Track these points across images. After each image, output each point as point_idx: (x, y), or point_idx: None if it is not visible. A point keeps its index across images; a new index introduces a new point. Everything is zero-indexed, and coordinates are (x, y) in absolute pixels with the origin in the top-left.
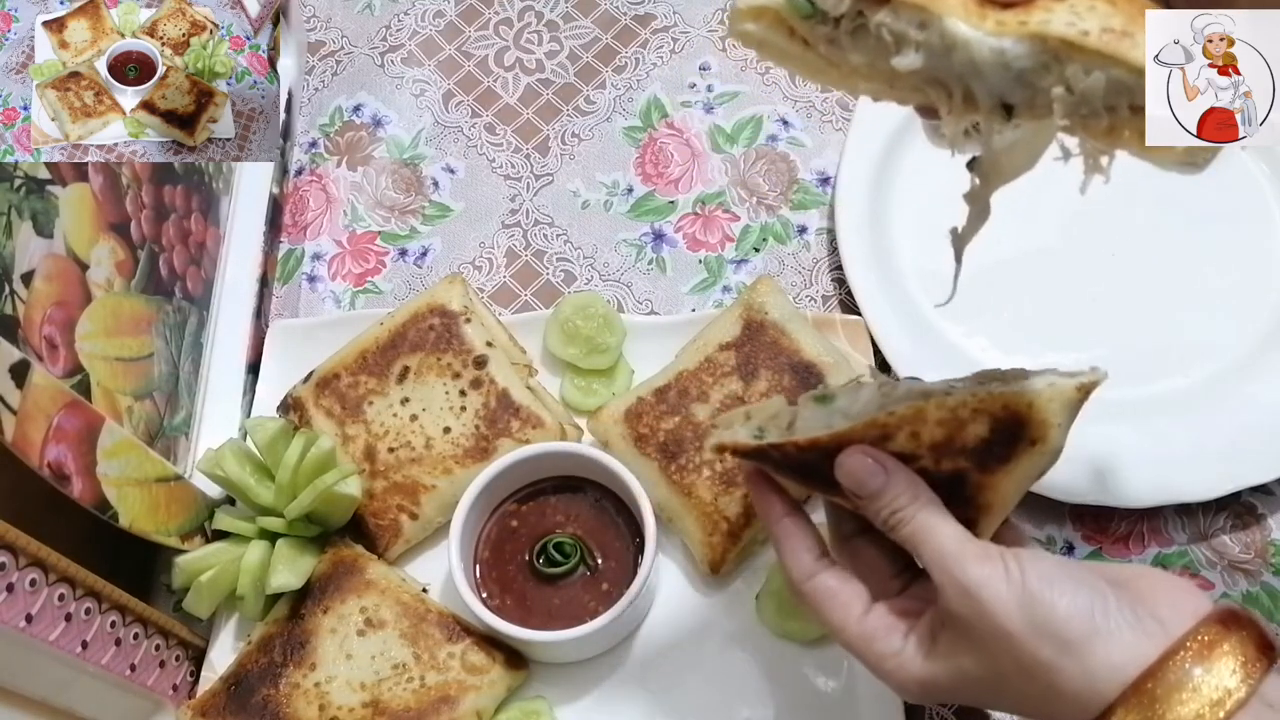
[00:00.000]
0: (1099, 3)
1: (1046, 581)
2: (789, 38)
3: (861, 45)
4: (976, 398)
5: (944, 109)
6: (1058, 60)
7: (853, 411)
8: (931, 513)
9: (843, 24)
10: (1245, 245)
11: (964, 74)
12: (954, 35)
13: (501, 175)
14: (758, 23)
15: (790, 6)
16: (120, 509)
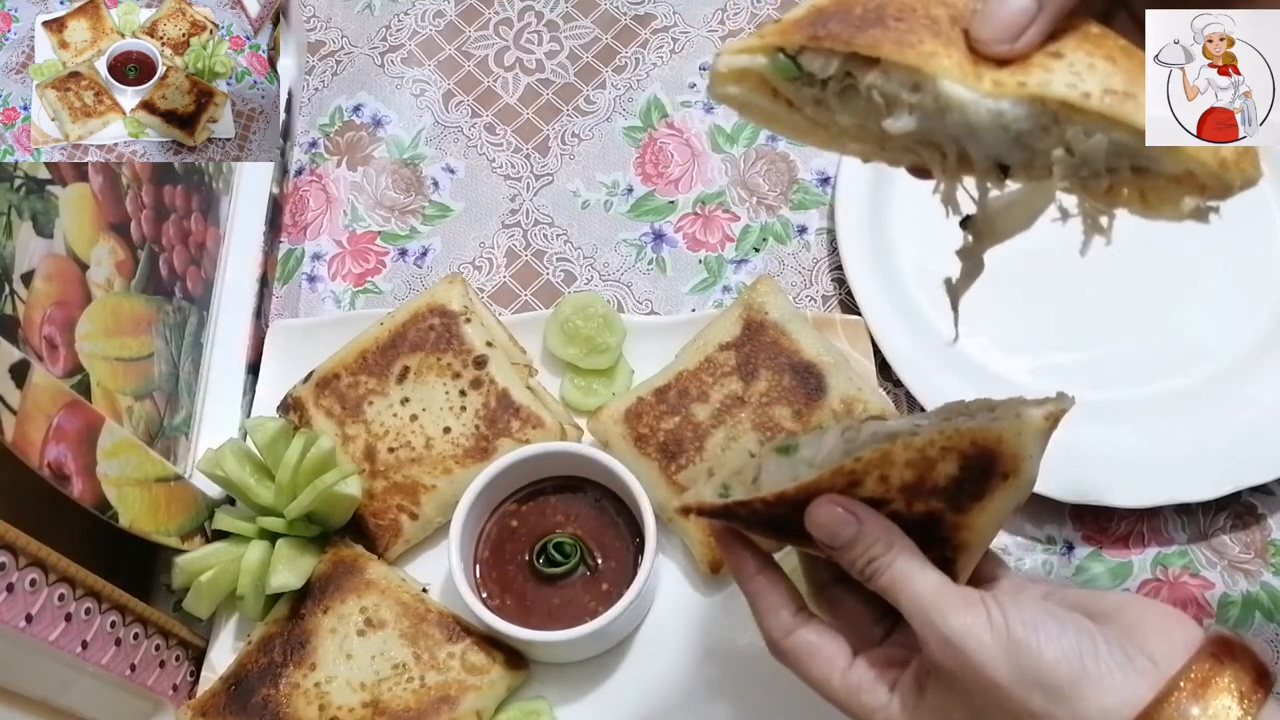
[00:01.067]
0: (1099, 60)
1: (1031, 627)
2: (773, 99)
3: (850, 107)
4: (944, 435)
5: (937, 170)
6: (1057, 122)
7: (817, 460)
8: (908, 560)
9: (830, 86)
10: (1245, 245)
11: (959, 135)
12: (949, 97)
13: (501, 175)
14: (740, 85)
15: (775, 69)
16: (120, 509)
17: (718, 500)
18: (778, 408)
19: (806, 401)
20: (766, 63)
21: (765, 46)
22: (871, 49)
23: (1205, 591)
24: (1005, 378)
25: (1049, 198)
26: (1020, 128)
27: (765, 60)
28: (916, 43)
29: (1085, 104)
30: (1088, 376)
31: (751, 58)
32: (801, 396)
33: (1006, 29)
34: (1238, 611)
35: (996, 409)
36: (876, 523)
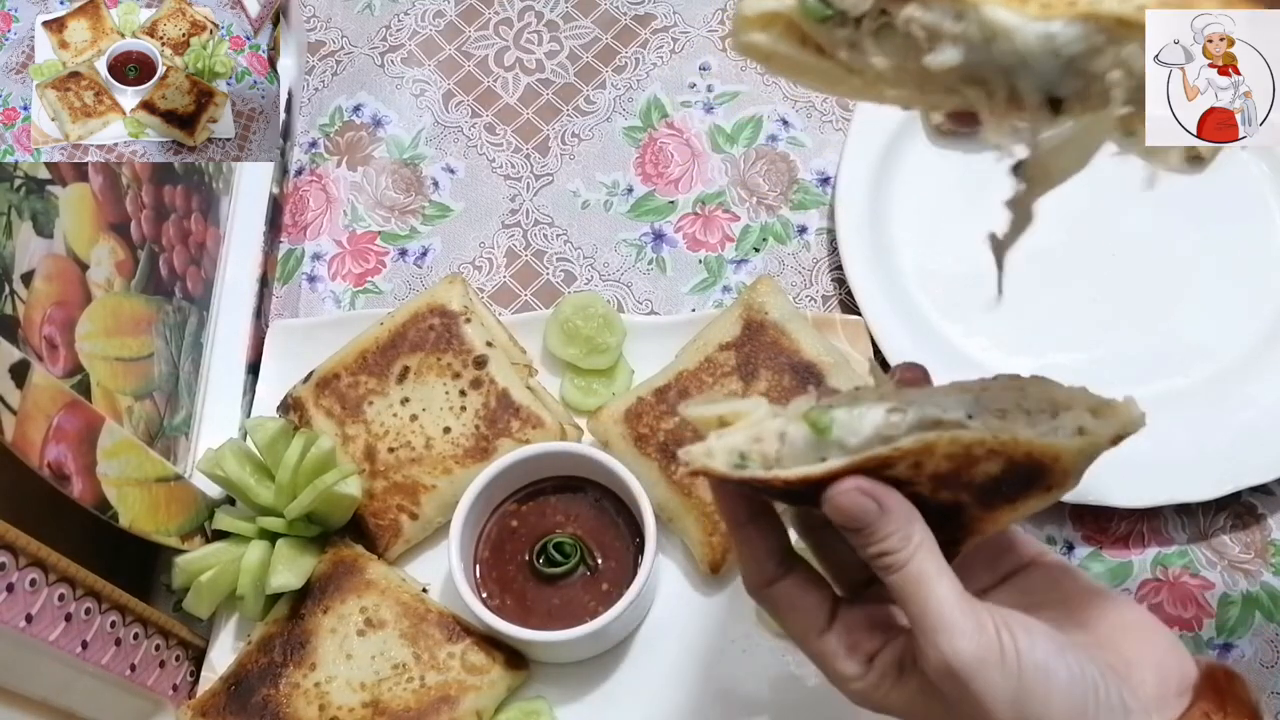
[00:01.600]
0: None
1: (1043, 672)
2: (802, 46)
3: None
4: (998, 440)
5: (985, 109)
6: (1114, 41)
7: (852, 444)
8: (925, 561)
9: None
10: (1245, 245)
11: (1009, 66)
12: (996, 23)
13: (501, 175)
14: (766, 31)
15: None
16: (120, 509)
17: (732, 472)
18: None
19: None
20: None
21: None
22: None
23: (1205, 591)
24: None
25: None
26: (1074, 51)
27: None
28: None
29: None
30: (1088, 376)
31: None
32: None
33: None
34: (1238, 611)
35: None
36: (899, 512)
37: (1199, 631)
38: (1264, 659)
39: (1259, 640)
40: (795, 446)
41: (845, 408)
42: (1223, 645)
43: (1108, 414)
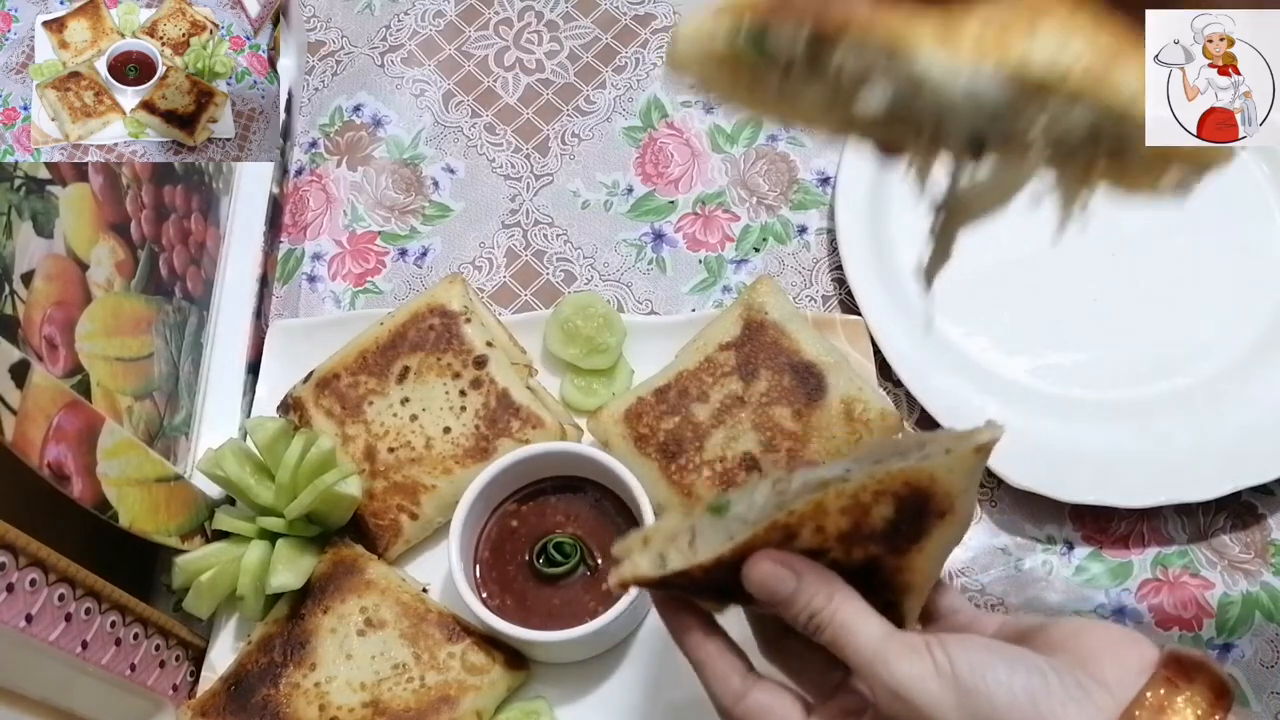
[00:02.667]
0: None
1: (979, 672)
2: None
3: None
4: (875, 479)
5: (909, 147)
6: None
7: (751, 516)
8: (850, 610)
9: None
10: (1245, 245)
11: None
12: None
13: (501, 175)
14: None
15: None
16: (120, 509)
17: (655, 573)
18: (778, 408)
19: (806, 401)
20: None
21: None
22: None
23: (1205, 591)
24: (1005, 378)
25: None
26: (997, 102)
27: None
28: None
29: (1066, 78)
30: (1088, 376)
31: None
32: (801, 396)
33: None
34: (1238, 611)
35: (927, 445)
36: (815, 574)
37: (1199, 631)
38: (1264, 659)
39: (1259, 640)
40: (706, 536)
41: (742, 491)
42: (1223, 645)
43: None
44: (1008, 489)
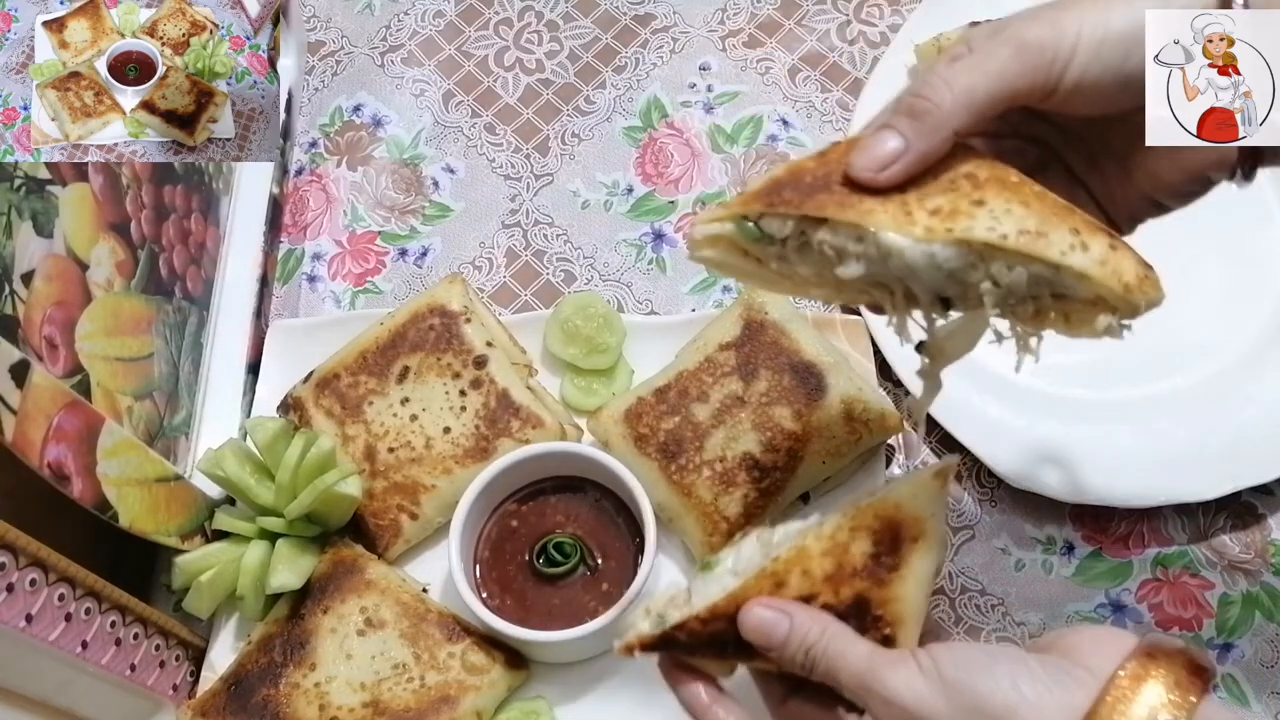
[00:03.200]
0: (1015, 205)
1: (963, 667)
2: (743, 258)
3: (808, 259)
4: (849, 517)
5: (888, 306)
6: (983, 259)
7: (740, 568)
8: (840, 640)
9: (789, 243)
10: (1245, 245)
11: (902, 276)
12: (888, 246)
13: (501, 175)
14: (714, 249)
15: (741, 233)
16: (120, 509)
17: (655, 631)
18: (778, 408)
19: (806, 401)
20: (734, 229)
21: (732, 215)
22: (818, 211)
23: (1205, 591)
24: (1006, 378)
25: (985, 323)
26: (952, 266)
27: (733, 226)
28: (857, 202)
29: (1004, 244)
30: (1088, 376)
31: (721, 225)
32: (801, 396)
33: (876, 161)
34: (1238, 611)
35: (892, 483)
36: (805, 614)
37: (1199, 631)
38: (1264, 659)
39: (1259, 640)
40: (700, 594)
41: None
42: (1223, 645)
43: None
44: (1008, 489)
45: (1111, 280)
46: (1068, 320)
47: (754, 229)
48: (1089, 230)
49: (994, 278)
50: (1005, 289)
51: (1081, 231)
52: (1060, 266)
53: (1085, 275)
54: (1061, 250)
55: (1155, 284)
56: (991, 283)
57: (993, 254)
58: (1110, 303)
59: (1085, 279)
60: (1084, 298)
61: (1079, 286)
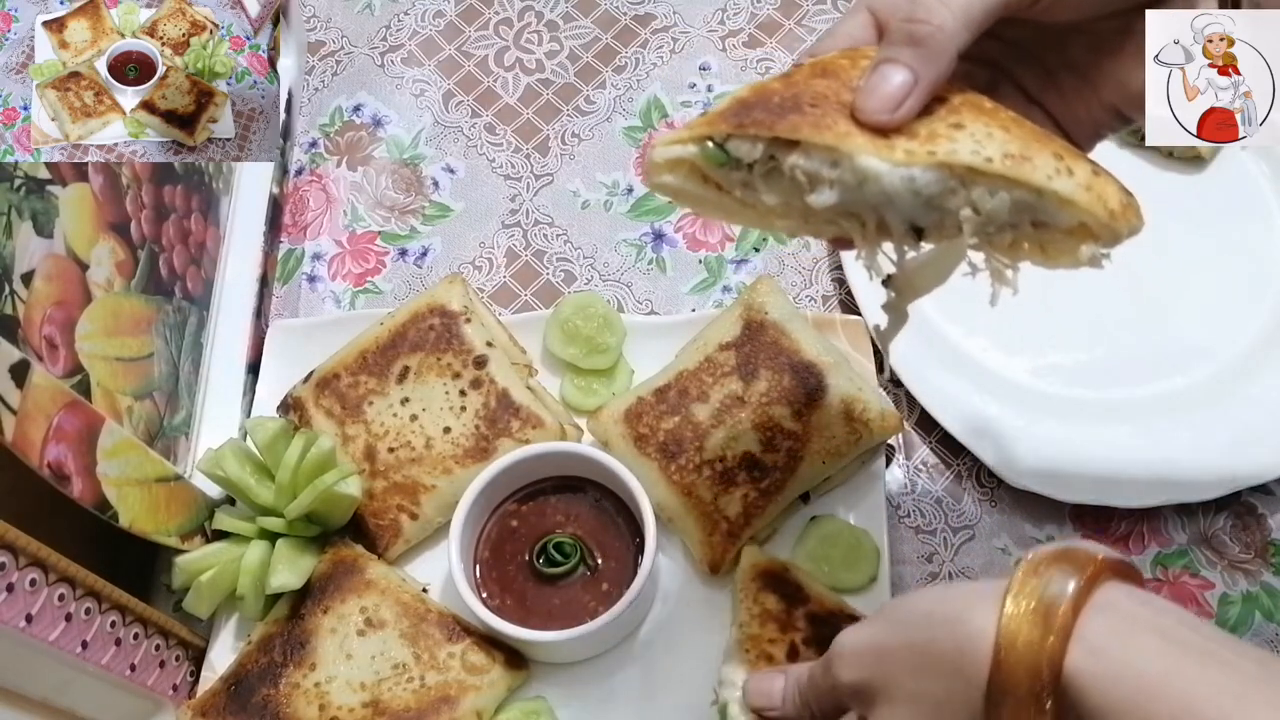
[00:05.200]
0: (995, 129)
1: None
2: (704, 184)
3: (775, 187)
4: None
5: (858, 238)
6: (964, 185)
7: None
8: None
9: (756, 169)
10: (1245, 245)
11: (877, 204)
12: (866, 170)
13: (501, 175)
14: (674, 174)
15: (705, 156)
16: (120, 509)
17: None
18: (778, 408)
19: (806, 401)
20: (697, 151)
21: (695, 136)
22: (792, 132)
23: (1205, 591)
24: (1005, 377)
25: (960, 254)
26: (931, 192)
27: (696, 149)
28: (832, 124)
29: (988, 167)
30: (1088, 376)
31: (684, 147)
32: (801, 396)
33: (888, 100)
34: (1238, 611)
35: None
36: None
37: None
38: None
39: (1259, 640)
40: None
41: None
42: None
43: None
44: (1008, 489)
45: (1096, 206)
46: (1044, 250)
47: (719, 152)
48: (1071, 156)
49: (974, 204)
50: (985, 216)
51: (1065, 157)
52: (1044, 191)
53: (1070, 200)
54: (1047, 175)
55: (1137, 211)
56: (972, 209)
57: (975, 179)
58: (1093, 230)
59: (1070, 204)
60: (1064, 225)
61: (1061, 213)
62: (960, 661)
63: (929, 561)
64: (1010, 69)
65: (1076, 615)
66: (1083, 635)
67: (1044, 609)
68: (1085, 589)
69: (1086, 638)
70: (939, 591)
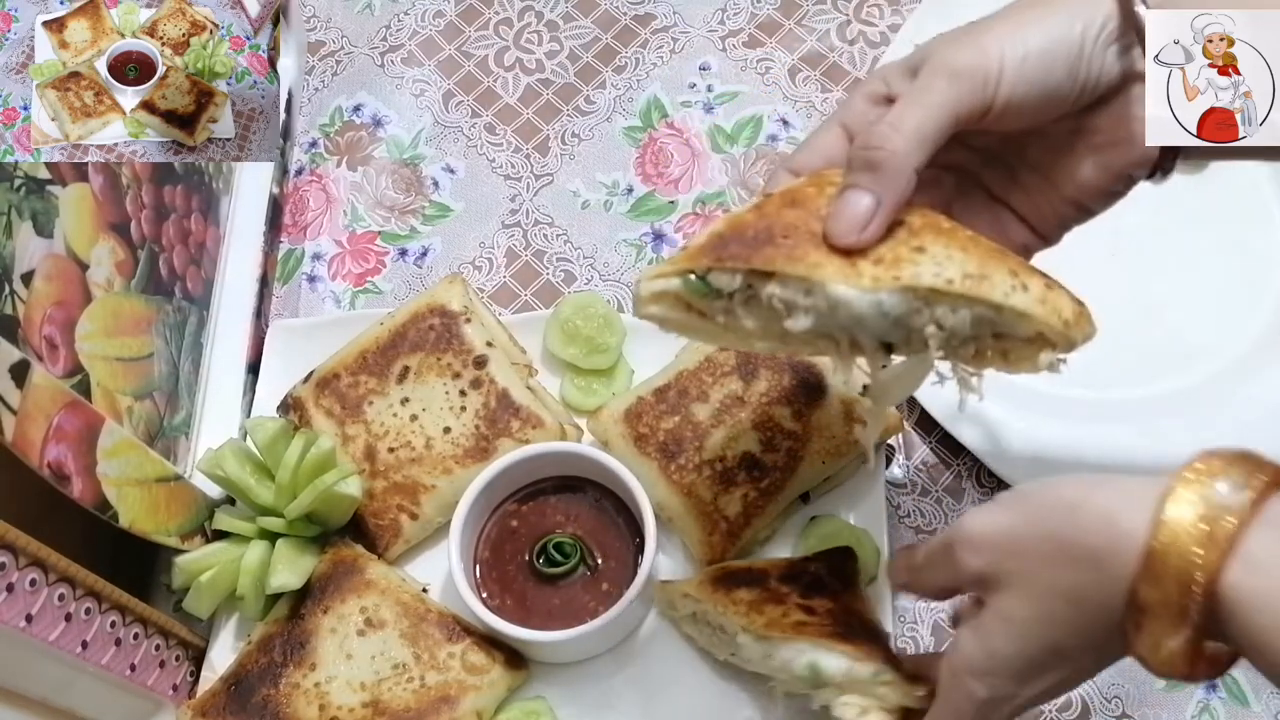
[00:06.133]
0: (954, 251)
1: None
2: (688, 312)
3: (755, 313)
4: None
5: (834, 357)
6: (928, 304)
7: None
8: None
9: (735, 297)
10: (1245, 245)
11: (849, 326)
12: (837, 297)
13: (501, 175)
14: (660, 305)
15: (688, 289)
16: (120, 509)
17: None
18: (778, 408)
19: (806, 401)
20: (681, 284)
21: (678, 270)
22: (767, 265)
23: None
24: (1005, 378)
25: (929, 365)
26: (898, 313)
27: (679, 282)
28: (804, 255)
29: (950, 288)
30: (1088, 376)
31: (668, 281)
32: (801, 396)
33: (854, 223)
34: None
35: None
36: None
37: None
38: None
39: None
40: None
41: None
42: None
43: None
44: (1007, 489)
45: (1052, 318)
46: (1006, 358)
47: (701, 284)
48: (1026, 272)
49: (938, 321)
50: (949, 332)
51: (1020, 273)
52: (1003, 307)
53: (1027, 314)
54: (1004, 291)
55: (1089, 318)
56: (936, 326)
57: (938, 299)
58: (1050, 339)
59: (1027, 318)
60: (1023, 335)
61: (1019, 325)
62: (1103, 560)
63: None
64: (975, 172)
65: (1242, 529)
66: (1245, 551)
67: (1208, 519)
68: (1256, 502)
69: (1249, 554)
70: (1085, 483)
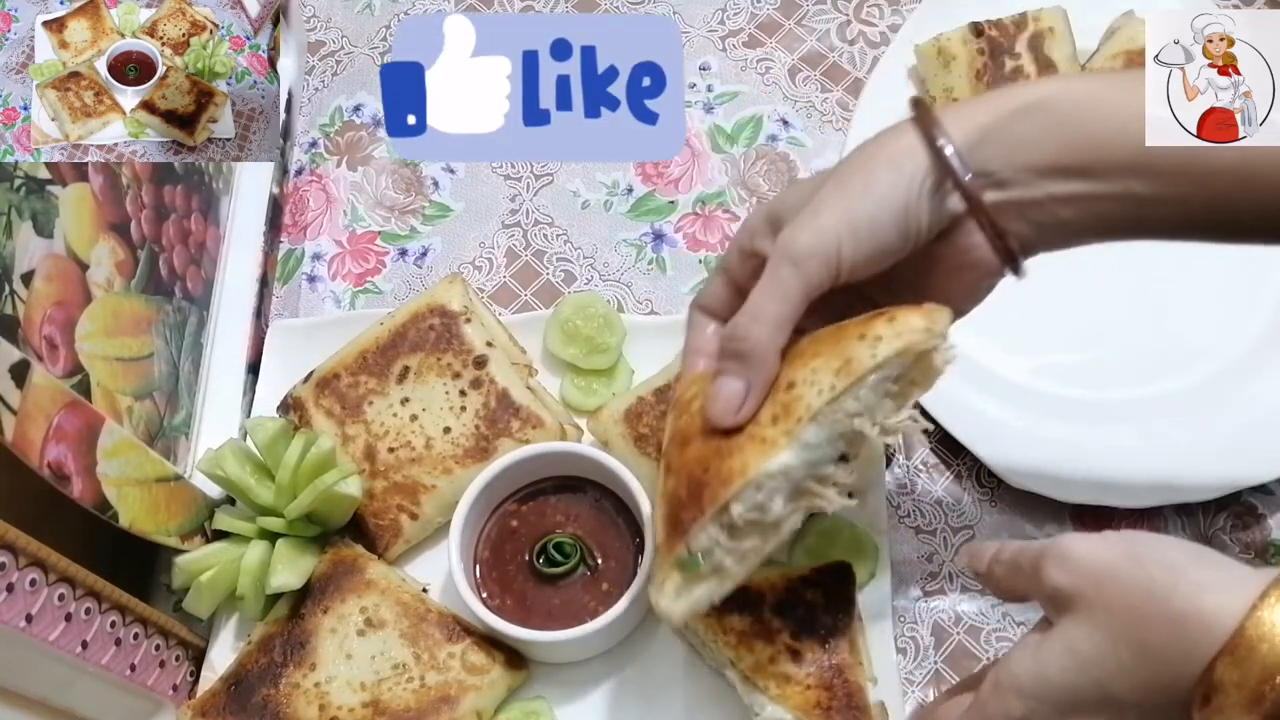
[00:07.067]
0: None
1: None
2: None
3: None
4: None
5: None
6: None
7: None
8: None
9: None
10: (1245, 245)
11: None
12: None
13: (501, 175)
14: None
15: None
16: (120, 509)
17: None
18: None
19: None
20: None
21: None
22: (715, 503)
23: None
24: (1005, 377)
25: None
26: (823, 437)
27: (679, 576)
28: (727, 471)
29: (836, 393)
30: (1088, 376)
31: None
32: None
33: (730, 406)
34: None
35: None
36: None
37: None
38: None
39: None
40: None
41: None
42: None
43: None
44: (1008, 489)
45: (915, 335)
46: (919, 384)
47: (694, 560)
48: (865, 325)
49: (854, 414)
50: (868, 411)
51: (865, 332)
52: (880, 365)
53: (900, 353)
54: (869, 356)
55: (935, 308)
56: (859, 417)
57: (836, 405)
58: (926, 348)
59: (901, 354)
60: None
61: (901, 361)
62: (1189, 627)
63: (929, 561)
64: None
65: None
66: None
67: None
68: None
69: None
70: (1193, 550)
